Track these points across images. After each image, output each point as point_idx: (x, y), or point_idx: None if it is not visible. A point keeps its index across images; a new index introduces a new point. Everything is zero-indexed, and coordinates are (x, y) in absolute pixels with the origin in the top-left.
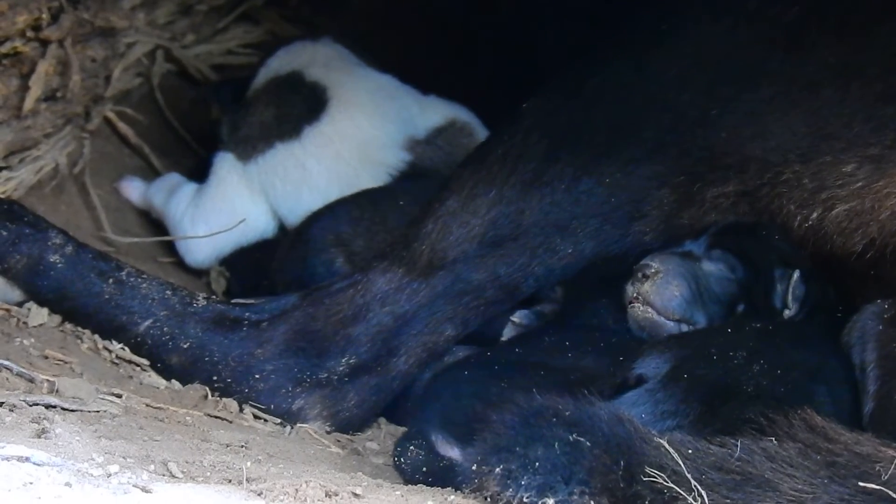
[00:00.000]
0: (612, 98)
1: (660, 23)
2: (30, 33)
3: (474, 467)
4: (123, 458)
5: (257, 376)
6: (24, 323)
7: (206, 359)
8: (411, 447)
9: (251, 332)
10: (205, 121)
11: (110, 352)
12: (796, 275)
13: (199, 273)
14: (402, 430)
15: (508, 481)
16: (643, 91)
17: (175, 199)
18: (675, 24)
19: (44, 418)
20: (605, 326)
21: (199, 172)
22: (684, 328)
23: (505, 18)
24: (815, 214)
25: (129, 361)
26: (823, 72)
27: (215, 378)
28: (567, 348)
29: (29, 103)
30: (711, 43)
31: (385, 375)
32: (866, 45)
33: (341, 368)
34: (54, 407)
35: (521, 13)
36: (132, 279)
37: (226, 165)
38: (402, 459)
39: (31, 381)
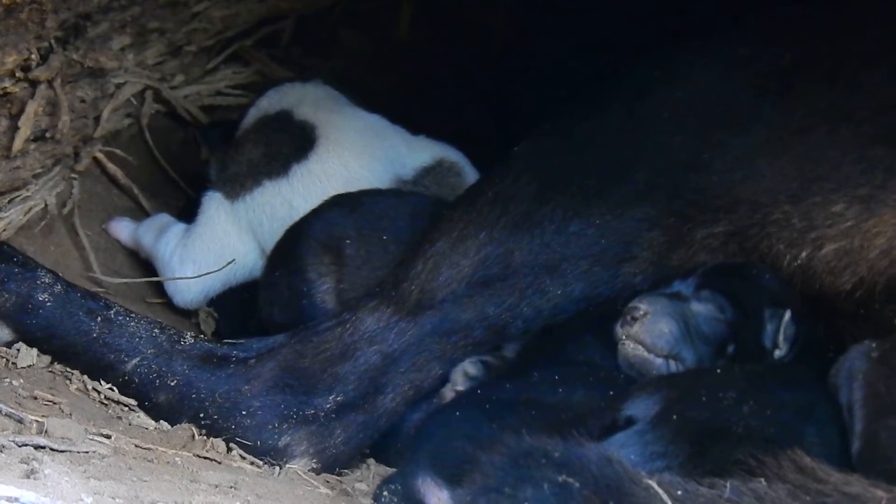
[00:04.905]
0: (603, 141)
1: (652, 67)
2: (19, 73)
3: None
4: (112, 498)
5: (244, 412)
6: (14, 364)
7: (194, 396)
8: (385, 493)
9: (238, 368)
10: (194, 161)
11: (99, 392)
12: (787, 315)
13: (189, 314)
14: (391, 470)
15: None
16: (635, 134)
17: (163, 239)
18: (668, 68)
19: (33, 459)
20: (594, 362)
21: (188, 213)
22: (673, 365)
23: (496, 60)
24: (804, 254)
25: (118, 402)
26: (814, 116)
27: (202, 415)
28: (557, 383)
29: (18, 144)
30: (704, 88)
31: (372, 413)
32: (856, 91)
33: (328, 406)
34: (43, 447)
35: (513, 55)
36: (120, 318)
37: (213, 205)
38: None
39: (20, 421)
